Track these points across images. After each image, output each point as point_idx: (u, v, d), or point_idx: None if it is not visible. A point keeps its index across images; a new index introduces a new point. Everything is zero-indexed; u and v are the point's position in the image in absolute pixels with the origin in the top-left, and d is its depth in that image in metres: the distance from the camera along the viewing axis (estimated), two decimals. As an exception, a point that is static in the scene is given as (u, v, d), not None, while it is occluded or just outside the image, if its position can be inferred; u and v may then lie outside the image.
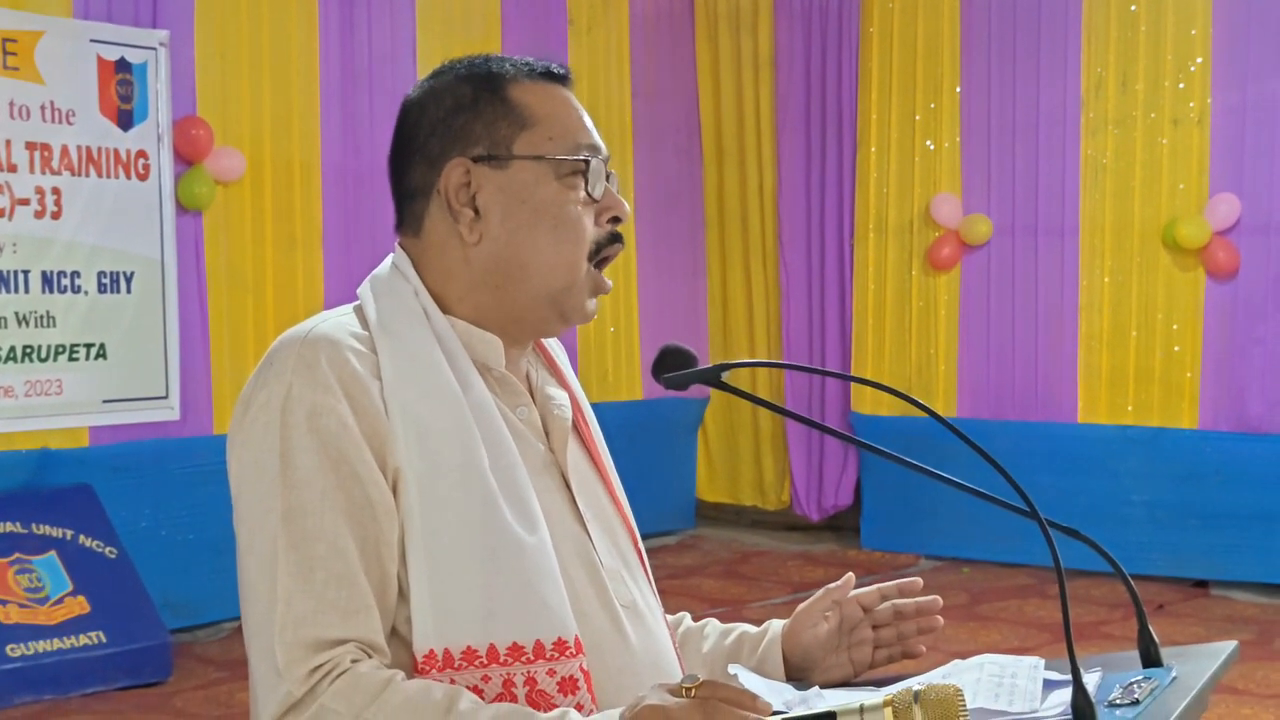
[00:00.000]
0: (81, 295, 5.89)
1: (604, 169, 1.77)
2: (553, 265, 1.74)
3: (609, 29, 8.15)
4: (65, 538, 5.63)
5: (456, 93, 1.76)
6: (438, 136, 1.75)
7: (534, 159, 1.73)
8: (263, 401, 1.63)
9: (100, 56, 5.93)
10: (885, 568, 7.63)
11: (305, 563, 1.57)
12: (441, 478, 1.63)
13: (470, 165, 1.73)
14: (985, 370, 7.72)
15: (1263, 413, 6.95)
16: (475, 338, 1.75)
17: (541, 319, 1.78)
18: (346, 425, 1.61)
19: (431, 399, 1.66)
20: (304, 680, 1.53)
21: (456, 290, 1.76)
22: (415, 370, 1.67)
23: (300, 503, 1.58)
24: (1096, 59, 7.30)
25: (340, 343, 1.66)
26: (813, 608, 1.97)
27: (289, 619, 1.55)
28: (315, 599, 1.56)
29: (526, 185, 1.73)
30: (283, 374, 1.63)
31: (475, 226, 1.74)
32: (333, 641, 1.55)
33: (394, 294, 1.75)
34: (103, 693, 5.39)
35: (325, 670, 1.53)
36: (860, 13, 8.02)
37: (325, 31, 6.73)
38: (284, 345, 1.67)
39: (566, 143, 1.74)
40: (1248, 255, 6.95)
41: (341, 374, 1.63)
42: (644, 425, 7.87)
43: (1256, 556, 6.90)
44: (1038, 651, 5.88)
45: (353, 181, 6.86)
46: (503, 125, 1.74)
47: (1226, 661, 1.70)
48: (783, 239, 8.39)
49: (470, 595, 1.61)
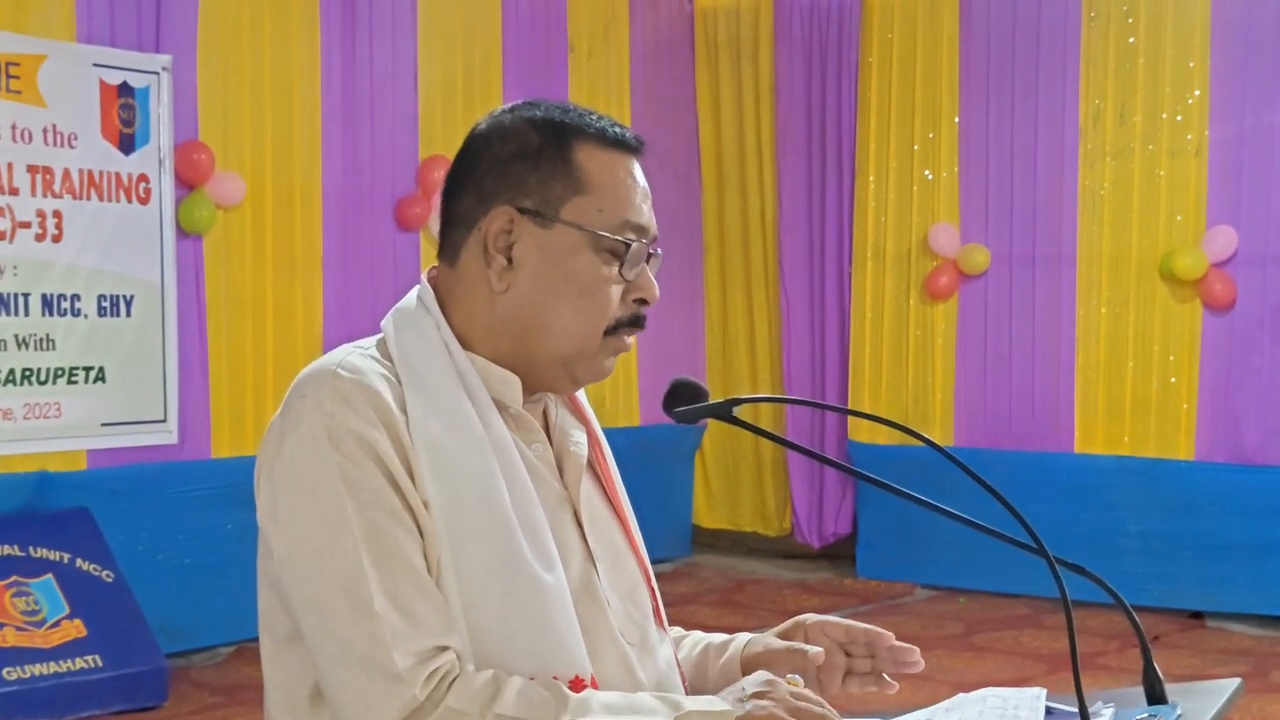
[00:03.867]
0: (81, 318, 5.89)
1: (645, 250, 1.77)
2: (569, 333, 1.75)
3: (609, 55, 8.18)
4: (62, 561, 5.62)
5: (523, 137, 1.76)
6: (494, 176, 1.75)
7: (577, 228, 1.73)
8: (306, 433, 1.65)
9: (103, 80, 5.94)
10: (881, 596, 7.63)
11: (392, 578, 1.61)
12: (465, 511, 1.66)
13: (515, 215, 1.73)
14: (982, 400, 7.73)
15: (1259, 444, 6.96)
16: (494, 375, 1.76)
17: (554, 378, 1.80)
18: (391, 455, 1.64)
19: (454, 434, 1.68)
20: (425, 684, 1.57)
21: (478, 330, 1.77)
22: (438, 405, 1.69)
23: (375, 523, 1.62)
24: (1095, 90, 7.33)
25: (370, 376, 1.68)
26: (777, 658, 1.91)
27: (399, 629, 1.59)
28: (405, 612, 1.60)
29: (564, 251, 1.73)
30: (321, 404, 1.65)
31: (505, 275, 1.74)
32: (436, 649, 1.60)
33: (416, 328, 1.75)
34: (98, 716, 5.37)
35: (441, 674, 1.59)
36: (860, 42, 8.06)
37: (327, 56, 6.75)
38: (315, 377, 1.69)
39: (614, 219, 1.74)
40: (1244, 287, 6.97)
41: (377, 405, 1.66)
42: (641, 452, 7.85)
43: (1252, 588, 6.90)
44: (1034, 682, 5.88)
45: (353, 206, 6.87)
46: (558, 185, 1.73)
47: (1231, 699, 1.71)
48: (783, 266, 8.41)
49: (489, 629, 1.64)
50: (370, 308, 6.82)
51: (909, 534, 7.70)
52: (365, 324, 2.00)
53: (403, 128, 7.08)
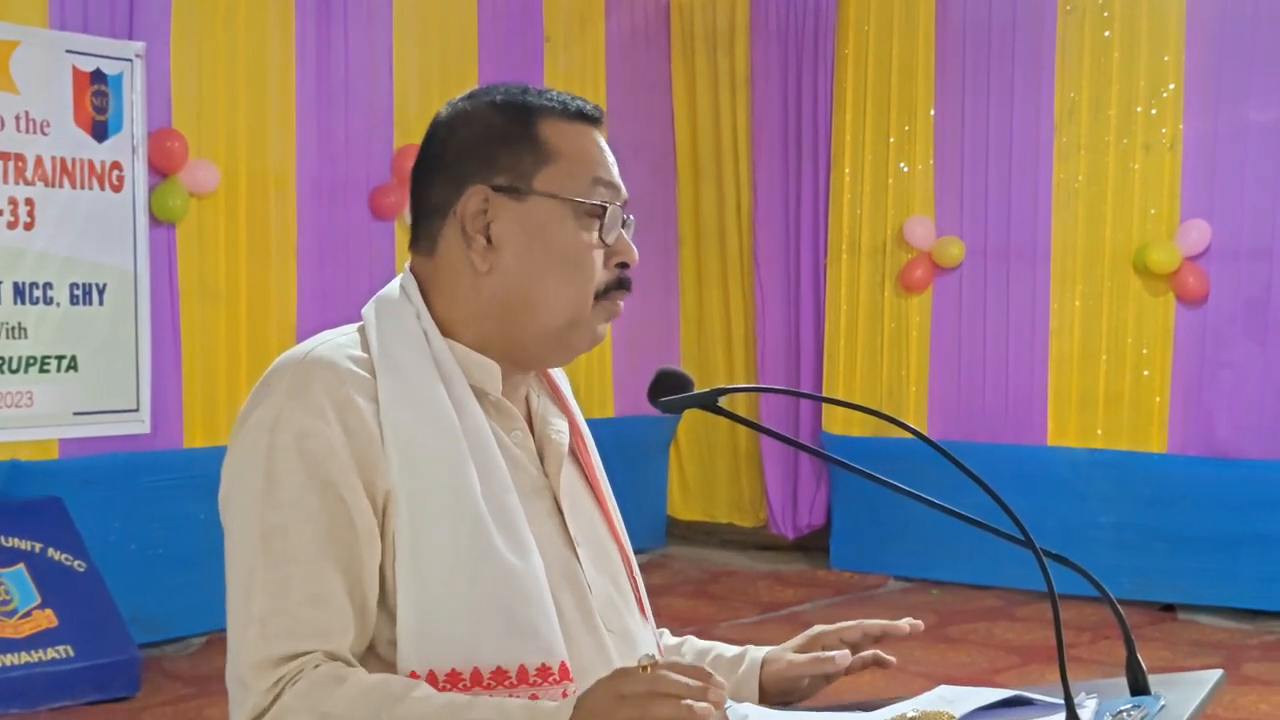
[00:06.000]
0: (53, 307, 5.86)
1: (620, 214, 1.78)
2: (559, 304, 1.75)
3: (585, 47, 8.16)
4: (34, 550, 5.59)
5: (487, 118, 1.77)
6: (463, 159, 1.76)
7: (552, 196, 1.73)
8: (255, 421, 1.65)
9: (76, 67, 5.90)
10: (855, 588, 7.65)
11: (282, 582, 1.59)
12: (432, 500, 1.64)
13: (490, 193, 1.74)
14: (956, 392, 7.75)
15: (1231, 437, 6.99)
16: (473, 363, 1.76)
17: (546, 352, 1.80)
18: (335, 450, 1.62)
19: (425, 422, 1.67)
20: (269, 691, 1.55)
21: (462, 315, 1.77)
22: (411, 394, 1.68)
23: (281, 522, 1.60)
24: (1070, 84, 7.35)
25: (336, 365, 1.67)
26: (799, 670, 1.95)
27: (262, 637, 1.57)
28: (290, 618, 1.57)
29: (542, 222, 1.74)
30: (276, 395, 1.65)
31: (487, 255, 1.74)
32: (301, 654, 1.57)
33: (396, 316, 1.75)
34: (70, 707, 5.35)
35: (290, 677, 1.55)
36: (836, 35, 8.06)
37: (302, 44, 6.72)
38: (281, 366, 1.69)
39: (585, 182, 1.75)
40: (1217, 281, 7.00)
41: (335, 397, 1.64)
42: (616, 443, 7.74)
43: (1224, 581, 6.93)
44: (1008, 674, 5.91)
45: (328, 195, 6.85)
46: (527, 158, 1.74)
47: (1213, 690, 1.71)
48: (759, 258, 8.41)
49: (456, 618, 1.62)
50: (345, 297, 6.79)
51: (883, 526, 7.72)
52: (340, 313, 1.99)
53: (378, 116, 7.06)
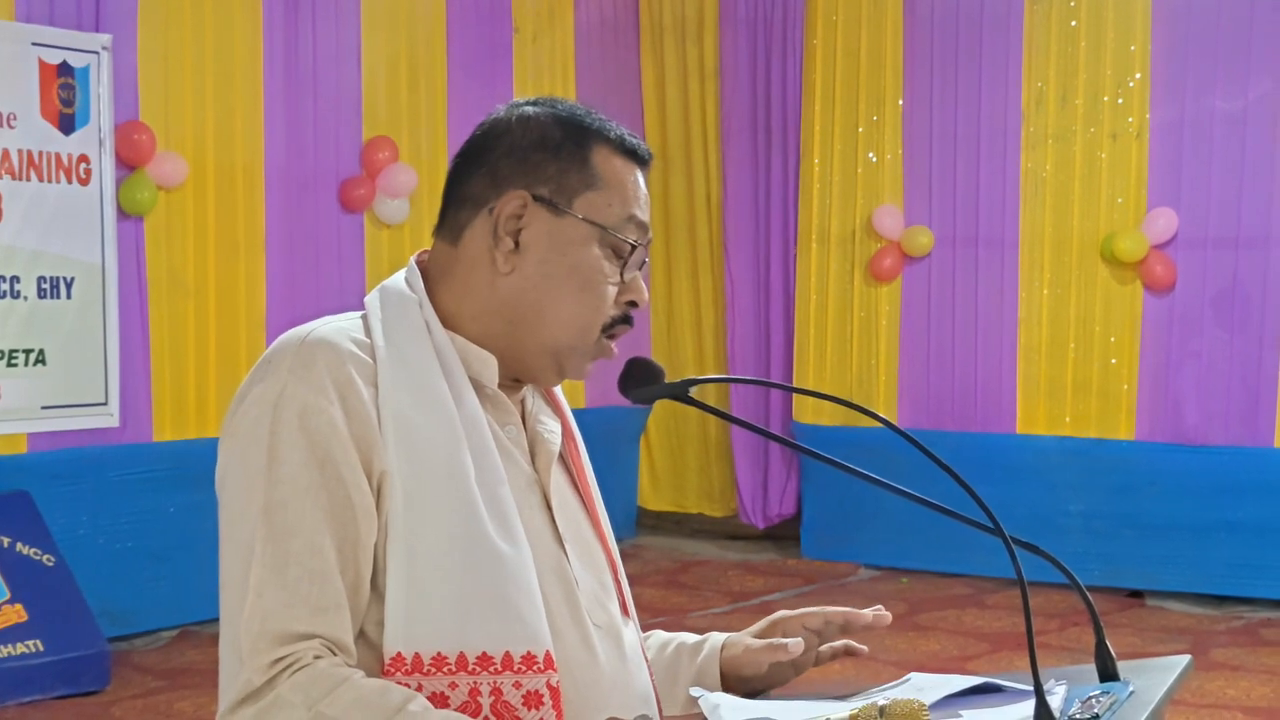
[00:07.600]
0: (21, 300, 5.82)
1: (643, 257, 1.82)
2: (568, 322, 1.77)
3: (554, 38, 8.15)
4: (2, 545, 5.56)
5: (546, 128, 1.79)
6: (511, 161, 1.78)
7: (588, 220, 1.76)
8: (256, 397, 1.66)
9: (42, 60, 5.87)
10: (825, 577, 7.67)
11: (281, 556, 1.59)
12: (427, 483, 1.66)
13: (529, 200, 1.76)
14: (925, 381, 7.78)
15: (1198, 424, 7.04)
16: (472, 355, 1.77)
17: (541, 367, 1.81)
18: (336, 427, 1.63)
19: (424, 407, 1.68)
20: (265, 670, 1.55)
21: (471, 309, 1.78)
22: (411, 379, 1.69)
23: (282, 497, 1.61)
24: (1037, 73, 7.38)
25: (338, 346, 1.68)
26: (756, 656, 1.96)
27: (258, 610, 1.57)
28: (288, 592, 1.58)
29: (572, 241, 1.76)
30: (279, 372, 1.66)
31: (511, 258, 1.76)
32: (299, 635, 1.57)
33: (399, 305, 1.77)
34: (40, 701, 5.33)
35: (287, 663, 1.55)
36: (804, 25, 8.07)
37: (269, 36, 6.70)
38: (284, 345, 1.70)
39: (621, 216, 1.78)
40: (1184, 269, 7.05)
41: (337, 377, 1.65)
42: (587, 435, 7.75)
43: (1191, 567, 6.99)
44: (978, 661, 5.94)
45: (296, 187, 6.82)
46: (573, 177, 1.77)
47: (1181, 675, 1.73)
48: (728, 248, 8.43)
49: (445, 602, 1.63)
50: (314, 289, 6.78)
51: (852, 515, 7.75)
52: (309, 306, 2.00)
53: (346, 109, 7.04)
